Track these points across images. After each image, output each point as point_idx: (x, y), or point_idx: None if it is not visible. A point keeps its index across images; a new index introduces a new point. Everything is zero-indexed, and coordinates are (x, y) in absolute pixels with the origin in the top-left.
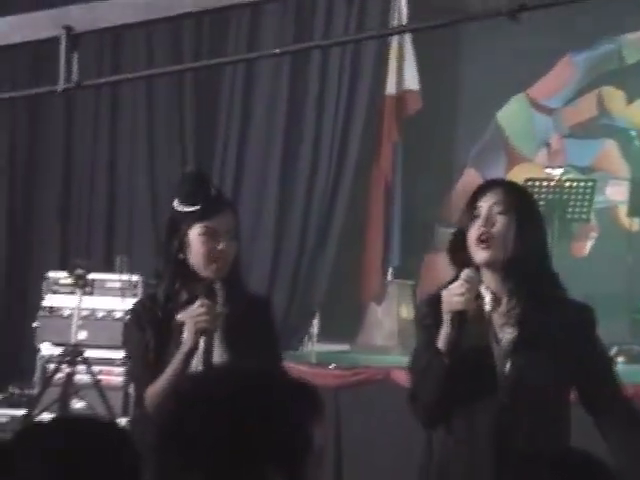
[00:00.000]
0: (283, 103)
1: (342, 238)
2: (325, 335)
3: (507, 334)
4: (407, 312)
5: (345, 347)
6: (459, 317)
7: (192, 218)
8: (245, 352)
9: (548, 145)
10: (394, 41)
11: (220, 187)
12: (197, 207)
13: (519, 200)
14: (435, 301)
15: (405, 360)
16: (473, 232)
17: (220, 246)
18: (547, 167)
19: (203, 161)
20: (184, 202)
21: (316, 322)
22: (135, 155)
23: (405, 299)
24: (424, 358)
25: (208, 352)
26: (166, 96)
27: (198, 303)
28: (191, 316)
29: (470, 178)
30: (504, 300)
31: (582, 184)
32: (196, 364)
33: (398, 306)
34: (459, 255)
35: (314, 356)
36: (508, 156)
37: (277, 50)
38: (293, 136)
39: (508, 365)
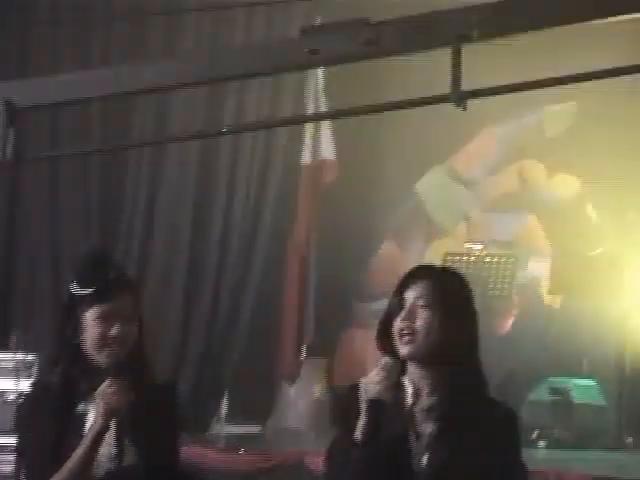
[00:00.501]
0: (193, 173)
1: (255, 314)
2: (235, 416)
3: (427, 429)
4: (321, 392)
5: (256, 429)
6: (376, 406)
7: (86, 301)
8: (144, 441)
9: (468, 219)
10: (310, 109)
11: (122, 264)
12: (91, 290)
13: (445, 293)
14: (354, 390)
15: (319, 444)
16: (397, 324)
17: (114, 331)
18: (467, 241)
19: (108, 235)
20: (79, 284)
21: (225, 402)
22: (37, 228)
23: (319, 378)
24: (340, 449)
25: (119, 435)
26: (72, 168)
27: (107, 382)
28: (101, 395)
29: (388, 251)
30: (425, 394)
31: (503, 260)
32: (107, 449)
33: (312, 386)
34: (386, 343)
35: (223, 439)
36: (427, 229)
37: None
38: (204, 207)
39: (425, 460)
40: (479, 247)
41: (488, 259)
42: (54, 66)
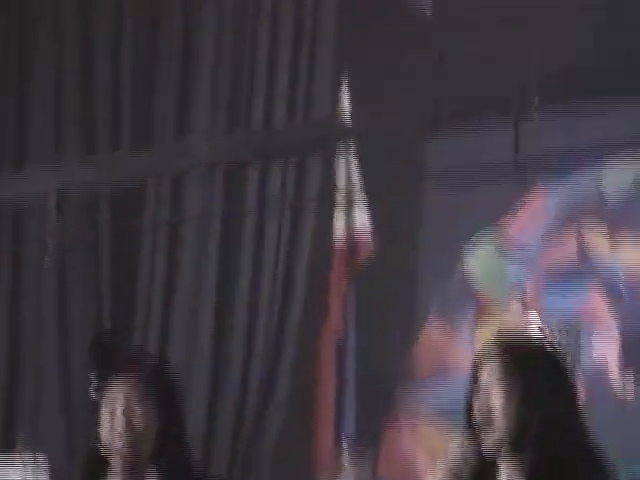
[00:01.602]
0: (214, 257)
1: (287, 405)
2: None
3: None
4: None
5: None
6: None
7: (99, 394)
8: None
9: (523, 292)
10: (341, 184)
11: (137, 348)
12: (98, 378)
13: (522, 370)
14: None
15: None
16: (475, 408)
17: (118, 423)
18: (523, 316)
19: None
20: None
21: None
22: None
23: (364, 474)
24: None
25: None
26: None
27: None
28: None
29: (435, 331)
30: None
31: (565, 336)
32: None
33: None
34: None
35: None
36: (478, 304)
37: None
38: (227, 293)
39: None
40: (537, 323)
41: (548, 336)
42: None
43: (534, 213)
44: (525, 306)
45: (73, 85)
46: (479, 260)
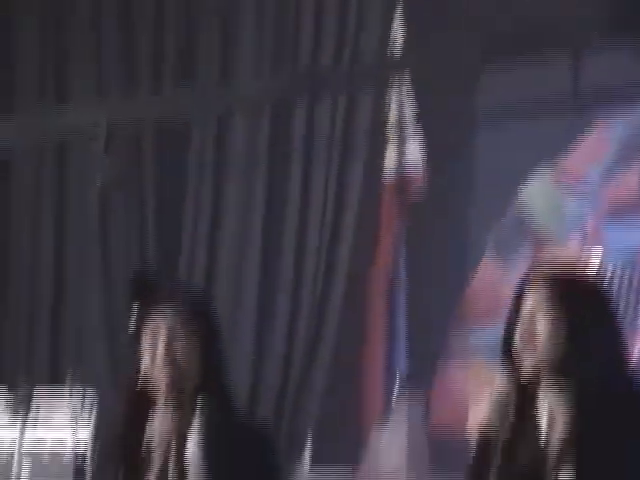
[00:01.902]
0: (261, 195)
1: (337, 347)
2: (321, 461)
3: (563, 474)
4: (419, 434)
5: (347, 475)
6: (487, 445)
7: (139, 324)
8: None
9: (583, 228)
10: (392, 117)
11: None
12: (140, 310)
13: (571, 299)
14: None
15: None
16: (517, 337)
17: (160, 350)
18: (582, 252)
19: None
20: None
21: (309, 446)
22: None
23: (417, 416)
24: None
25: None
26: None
27: (161, 415)
28: (156, 433)
29: (489, 270)
30: (562, 425)
31: (627, 273)
32: None
33: (409, 424)
34: (509, 361)
35: None
36: (534, 242)
37: None
38: (273, 231)
39: None
40: (596, 260)
41: (609, 272)
42: None
43: (595, 147)
44: (584, 242)
45: (114, 22)
46: (536, 196)
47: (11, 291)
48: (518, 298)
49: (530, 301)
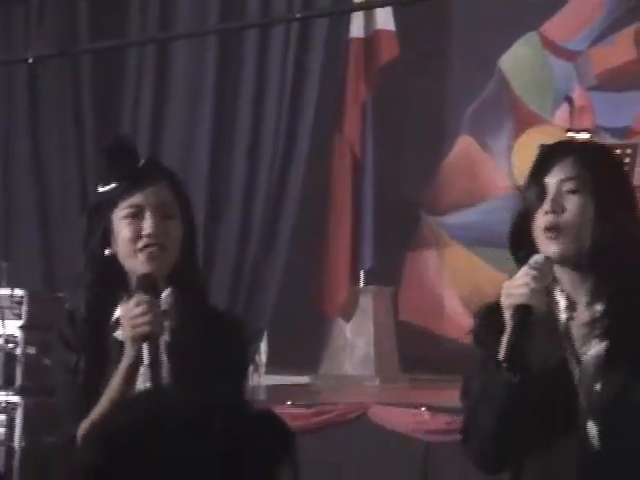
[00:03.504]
0: (212, 52)
1: (296, 233)
2: (276, 364)
3: (592, 349)
4: (386, 329)
5: (304, 379)
6: (523, 316)
7: (113, 198)
8: (198, 376)
9: (570, 100)
10: None
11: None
12: (117, 183)
13: (598, 171)
14: (493, 310)
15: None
16: (538, 219)
17: (146, 226)
18: (569, 130)
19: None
20: (102, 181)
21: (264, 347)
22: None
23: (384, 311)
24: (480, 378)
25: (155, 366)
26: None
27: (134, 300)
28: (127, 318)
29: (465, 148)
30: (583, 306)
31: (618, 152)
32: (141, 383)
33: (374, 321)
34: (523, 247)
35: (263, 392)
36: (516, 116)
37: None
38: (227, 97)
39: (597, 389)
40: (585, 137)
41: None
42: None
43: (583, 8)
44: (572, 117)
45: None
46: (519, 66)
47: None
48: (537, 175)
49: (552, 177)
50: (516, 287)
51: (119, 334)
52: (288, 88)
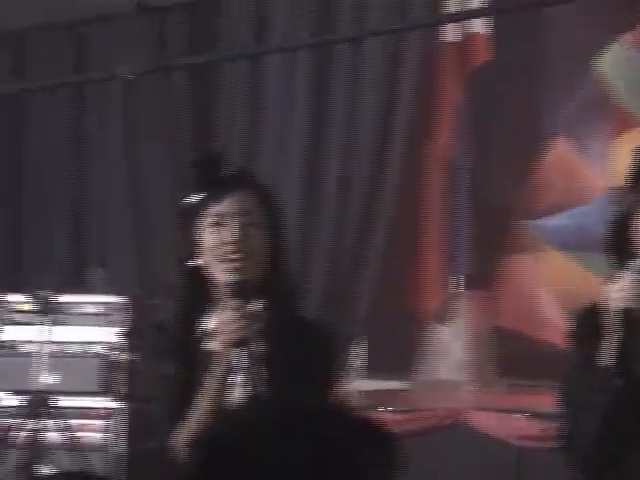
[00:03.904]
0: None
1: (390, 239)
2: (371, 369)
3: None
4: (482, 333)
5: (398, 384)
6: (627, 317)
7: (199, 208)
8: (288, 383)
9: None
10: None
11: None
12: (203, 193)
13: None
14: (591, 313)
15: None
16: (638, 223)
17: (228, 234)
18: None
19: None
20: (190, 191)
21: (360, 353)
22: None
23: (481, 316)
24: (580, 382)
25: (249, 372)
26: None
27: (226, 307)
28: (221, 324)
29: (560, 150)
30: None
31: None
32: (234, 389)
33: (472, 325)
34: (618, 251)
35: (360, 397)
36: (613, 118)
37: None
38: (319, 104)
39: None
40: None
41: None
42: None
43: None
44: None
45: None
46: (616, 67)
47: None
48: (635, 180)
49: None
50: (619, 291)
51: (209, 342)
52: (382, 93)
